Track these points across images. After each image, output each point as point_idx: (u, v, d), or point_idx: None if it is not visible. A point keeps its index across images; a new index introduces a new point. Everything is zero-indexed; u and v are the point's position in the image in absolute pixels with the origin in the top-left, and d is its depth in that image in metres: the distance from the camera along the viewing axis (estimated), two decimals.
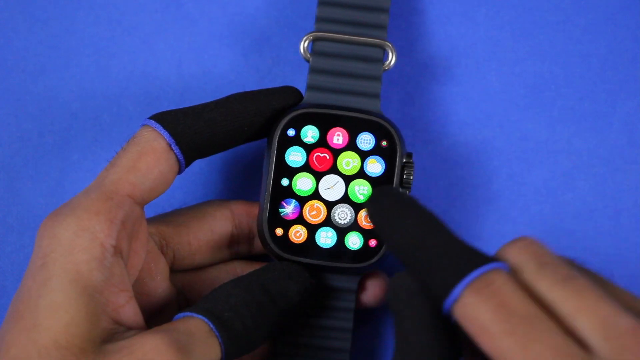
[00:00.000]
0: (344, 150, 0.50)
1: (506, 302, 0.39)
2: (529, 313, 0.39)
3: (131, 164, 0.45)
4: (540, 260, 0.41)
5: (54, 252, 0.42)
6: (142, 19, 0.56)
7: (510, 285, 0.39)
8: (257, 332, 0.44)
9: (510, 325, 0.38)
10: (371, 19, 0.51)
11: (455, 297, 0.39)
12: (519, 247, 0.41)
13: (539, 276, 0.40)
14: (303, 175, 0.50)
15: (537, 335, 0.38)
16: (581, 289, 0.39)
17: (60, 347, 0.40)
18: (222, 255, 0.52)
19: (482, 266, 0.40)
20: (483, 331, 0.39)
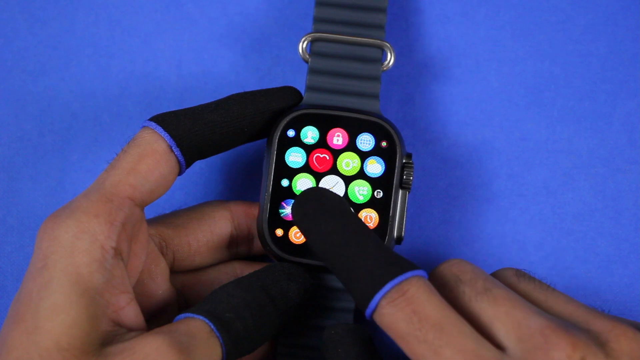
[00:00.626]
0: (344, 151, 0.50)
1: (418, 309, 0.41)
2: (439, 319, 0.41)
3: (131, 166, 0.45)
4: (460, 277, 0.44)
5: (55, 254, 0.42)
6: (142, 19, 0.56)
7: (423, 292, 0.41)
8: (257, 333, 0.44)
9: (422, 332, 0.41)
10: (369, 19, 0.51)
11: (373, 308, 0.42)
12: (442, 267, 0.45)
13: (458, 293, 0.43)
14: (303, 176, 0.50)
15: (447, 339, 0.40)
16: (496, 298, 0.42)
17: (61, 349, 0.40)
18: (221, 256, 0.52)
19: (398, 276, 0.42)
20: (401, 339, 0.41)
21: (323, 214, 0.45)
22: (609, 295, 0.55)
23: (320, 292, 0.50)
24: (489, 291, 0.42)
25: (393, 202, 0.50)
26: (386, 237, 0.49)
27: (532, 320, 0.41)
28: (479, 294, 0.42)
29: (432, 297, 0.42)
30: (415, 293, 0.41)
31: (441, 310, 0.41)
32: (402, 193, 0.50)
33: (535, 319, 0.41)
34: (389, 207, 0.50)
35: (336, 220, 0.44)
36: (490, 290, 0.42)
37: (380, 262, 0.43)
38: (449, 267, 0.45)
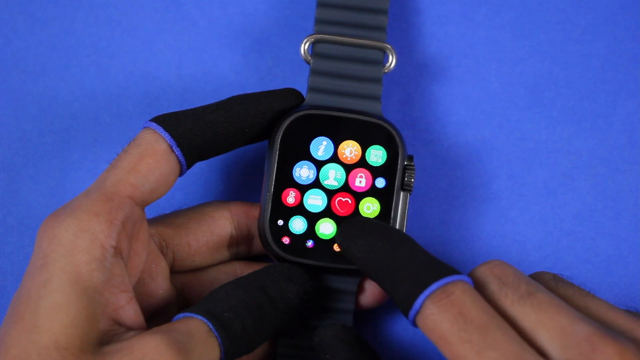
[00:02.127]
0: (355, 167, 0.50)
1: (464, 311, 0.41)
2: (485, 321, 0.41)
3: (132, 166, 0.45)
4: (502, 280, 0.43)
5: (54, 252, 0.42)
6: (142, 19, 0.56)
7: (469, 296, 0.41)
8: (256, 333, 0.44)
9: (466, 333, 0.40)
10: (370, 20, 0.51)
11: (417, 309, 0.42)
12: (484, 268, 0.44)
13: (500, 295, 0.42)
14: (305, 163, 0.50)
15: (492, 342, 0.40)
16: (540, 304, 0.42)
17: (60, 348, 0.40)
18: (221, 256, 0.52)
19: (442, 278, 0.42)
20: (443, 340, 0.41)
21: (366, 230, 0.46)
22: (609, 295, 0.55)
23: (320, 293, 0.50)
24: (532, 295, 0.42)
25: (394, 204, 0.50)
26: None
27: (578, 327, 0.40)
28: (522, 298, 0.42)
29: (477, 300, 0.42)
30: (461, 295, 0.41)
31: (486, 313, 0.41)
32: (404, 195, 0.50)
33: (581, 325, 0.40)
34: (390, 209, 0.50)
35: (379, 232, 0.46)
36: (534, 295, 0.42)
37: (425, 265, 0.43)
38: (490, 269, 0.44)
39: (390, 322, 0.55)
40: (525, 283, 0.43)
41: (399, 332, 0.55)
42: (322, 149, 0.50)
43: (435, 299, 0.42)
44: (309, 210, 0.50)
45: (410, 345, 0.55)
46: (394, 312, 0.55)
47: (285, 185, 0.49)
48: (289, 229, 0.49)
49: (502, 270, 0.44)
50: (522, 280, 0.43)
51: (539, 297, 0.42)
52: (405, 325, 0.55)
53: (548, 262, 0.55)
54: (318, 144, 0.50)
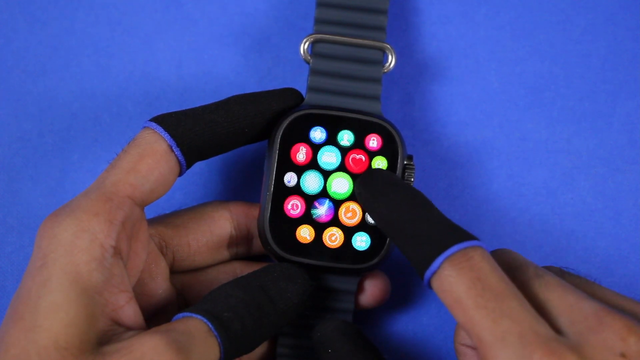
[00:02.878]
0: (352, 149, 0.50)
1: (482, 277, 0.41)
2: (502, 289, 0.41)
3: (131, 166, 0.45)
4: (511, 264, 0.44)
5: (54, 252, 0.42)
6: (142, 19, 0.56)
7: (488, 262, 0.42)
8: (256, 333, 0.44)
9: (483, 299, 0.41)
10: (370, 20, 0.51)
11: (434, 270, 0.42)
12: (493, 254, 0.45)
13: (509, 276, 0.43)
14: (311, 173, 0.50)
15: (507, 311, 0.40)
16: (548, 283, 0.42)
17: (59, 348, 0.40)
18: (221, 256, 0.52)
19: (464, 241, 0.42)
20: (458, 303, 0.41)
21: (389, 186, 0.46)
22: None
23: (319, 293, 0.50)
24: (540, 277, 0.43)
25: None
26: (387, 239, 0.49)
27: (586, 304, 0.41)
28: (531, 279, 0.43)
29: (495, 268, 0.42)
30: (480, 261, 0.42)
31: (504, 281, 0.41)
32: None
33: (589, 302, 0.41)
34: None
35: (402, 191, 0.46)
36: (542, 277, 0.43)
37: (447, 228, 0.43)
38: (499, 255, 0.45)
39: (390, 322, 0.55)
40: (534, 267, 0.44)
41: (398, 332, 0.55)
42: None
43: (454, 262, 0.42)
44: (306, 192, 0.50)
45: (410, 345, 0.55)
46: (394, 312, 0.55)
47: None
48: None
49: (510, 256, 0.45)
50: (530, 264, 0.44)
51: (546, 278, 0.43)
52: (405, 325, 0.55)
53: (548, 262, 0.55)
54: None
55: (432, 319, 0.55)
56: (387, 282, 0.52)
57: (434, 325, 0.55)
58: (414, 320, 0.55)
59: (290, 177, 0.50)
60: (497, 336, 0.40)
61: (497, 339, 0.40)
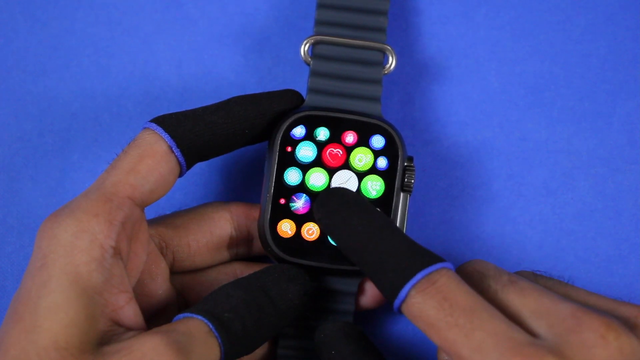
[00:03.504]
0: (355, 147, 0.50)
1: (449, 296, 0.42)
2: (470, 304, 0.41)
3: (131, 166, 0.45)
4: (484, 273, 0.45)
5: (54, 253, 0.42)
6: (142, 19, 0.56)
7: (453, 281, 0.42)
8: (256, 334, 0.44)
9: (453, 317, 0.41)
10: (370, 21, 0.51)
11: (402, 298, 0.43)
12: (465, 266, 0.46)
13: (483, 287, 0.44)
14: (315, 170, 0.50)
15: (478, 323, 0.41)
16: (522, 289, 0.43)
17: (59, 348, 0.40)
18: (221, 257, 0.52)
19: (428, 267, 0.43)
20: (430, 326, 0.42)
21: (347, 210, 0.46)
22: (609, 295, 0.54)
23: (320, 294, 0.50)
24: (514, 283, 0.43)
25: (394, 205, 0.50)
26: None
27: (562, 306, 0.42)
28: (505, 286, 0.43)
29: (461, 286, 0.42)
30: (446, 282, 0.42)
31: (471, 296, 0.42)
32: (404, 196, 0.50)
33: (565, 304, 0.42)
34: (390, 210, 0.49)
35: (361, 215, 0.46)
36: (516, 283, 0.43)
37: (409, 254, 0.43)
38: (471, 265, 0.46)
39: (390, 323, 0.55)
40: (507, 274, 0.44)
41: (398, 333, 0.55)
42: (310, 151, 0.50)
43: (420, 288, 0.42)
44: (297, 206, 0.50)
45: (410, 346, 0.55)
46: (394, 312, 0.55)
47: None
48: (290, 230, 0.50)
49: (482, 266, 0.45)
50: (503, 272, 0.45)
51: (520, 284, 0.43)
52: (405, 325, 0.55)
53: (548, 262, 0.55)
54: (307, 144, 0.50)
55: None
56: None
57: None
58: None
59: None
60: (473, 349, 0.40)
61: (474, 351, 0.40)
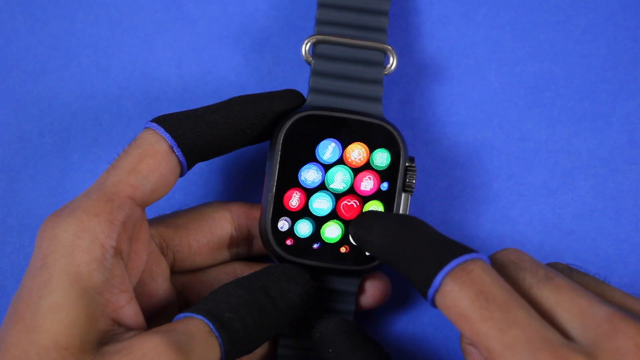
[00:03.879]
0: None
1: (485, 289, 0.41)
2: (506, 299, 0.41)
3: (132, 166, 0.45)
4: (519, 265, 0.44)
5: (54, 253, 0.42)
6: (142, 19, 0.56)
7: (489, 274, 0.42)
8: (257, 333, 0.44)
9: (488, 311, 0.40)
10: (371, 21, 0.51)
11: (436, 287, 0.42)
12: (501, 254, 0.45)
13: (518, 279, 0.43)
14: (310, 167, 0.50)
15: (514, 319, 0.40)
16: (559, 286, 0.42)
17: (59, 348, 0.40)
18: (221, 257, 0.52)
19: (461, 256, 0.42)
20: (463, 317, 0.41)
21: (380, 218, 0.46)
22: None
23: (320, 294, 0.50)
24: (551, 279, 0.42)
25: (396, 205, 0.50)
26: None
27: (598, 308, 0.41)
28: (540, 282, 0.42)
29: (497, 279, 0.42)
30: (481, 273, 0.41)
31: (507, 291, 0.41)
32: (405, 196, 0.50)
33: (601, 307, 0.41)
34: (391, 211, 0.50)
35: (393, 218, 0.46)
36: (553, 279, 0.42)
37: (443, 245, 0.43)
38: (507, 255, 0.45)
39: (390, 323, 0.55)
40: (543, 268, 0.43)
41: (398, 332, 0.55)
42: (329, 151, 0.50)
43: (455, 277, 0.42)
44: (314, 214, 0.50)
45: (410, 346, 0.55)
46: (394, 312, 0.55)
47: (287, 187, 0.49)
48: (294, 231, 0.49)
49: (518, 256, 0.44)
50: (540, 265, 0.44)
51: (557, 280, 0.42)
52: (405, 325, 0.55)
53: (548, 262, 0.55)
54: (325, 146, 0.50)
55: (432, 319, 0.55)
56: (388, 283, 0.52)
57: (434, 325, 0.55)
58: (414, 320, 0.55)
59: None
60: (506, 345, 0.40)
61: (506, 347, 0.40)
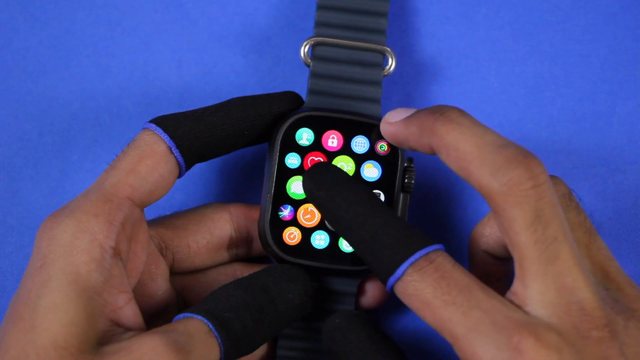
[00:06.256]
0: (338, 154, 0.50)
1: (446, 275, 0.42)
2: (467, 284, 0.41)
3: (131, 167, 0.45)
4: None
5: (53, 253, 0.42)
6: (142, 19, 0.56)
7: (450, 261, 0.42)
8: (256, 334, 0.44)
9: (450, 296, 0.41)
10: (370, 23, 0.51)
11: (398, 276, 0.42)
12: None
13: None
14: (297, 179, 0.50)
15: (475, 302, 0.41)
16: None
17: (58, 348, 0.40)
18: (221, 258, 0.52)
19: (426, 247, 0.43)
20: (425, 305, 0.42)
21: (341, 184, 0.46)
22: None
23: (320, 295, 0.50)
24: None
25: (394, 206, 0.50)
26: None
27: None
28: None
29: (457, 266, 0.42)
30: (442, 262, 0.42)
31: (468, 276, 0.42)
32: (404, 196, 0.50)
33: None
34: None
35: (356, 191, 0.46)
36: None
37: (406, 234, 0.43)
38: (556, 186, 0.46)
39: (390, 322, 0.55)
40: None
41: (398, 332, 0.55)
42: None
43: (417, 266, 0.42)
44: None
45: (410, 345, 0.55)
46: (394, 312, 0.55)
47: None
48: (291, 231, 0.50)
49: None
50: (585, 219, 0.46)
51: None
52: (405, 325, 0.55)
53: None
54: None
55: None
56: None
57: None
58: (414, 320, 0.55)
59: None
60: (470, 327, 0.40)
61: (471, 330, 0.40)
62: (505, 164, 0.42)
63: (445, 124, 0.43)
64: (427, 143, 0.44)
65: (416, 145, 0.45)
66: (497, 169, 0.42)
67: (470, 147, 0.43)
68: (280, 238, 0.49)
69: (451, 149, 0.43)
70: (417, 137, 0.45)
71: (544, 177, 0.42)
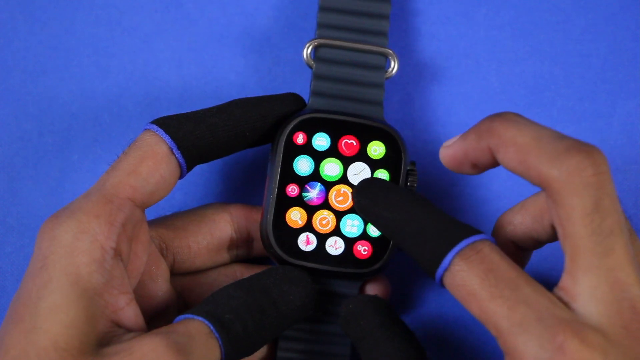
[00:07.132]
0: (354, 160, 0.50)
1: (493, 268, 0.41)
2: (515, 277, 0.41)
3: (132, 168, 0.45)
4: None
5: (54, 254, 0.42)
6: (142, 19, 0.56)
7: (497, 253, 0.42)
8: (257, 335, 0.44)
9: (497, 289, 0.41)
10: (372, 25, 0.51)
11: (445, 266, 0.42)
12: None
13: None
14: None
15: (523, 297, 0.40)
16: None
17: (59, 349, 0.40)
18: (221, 259, 0.52)
19: (472, 236, 0.42)
20: (472, 296, 0.41)
21: (387, 190, 0.47)
22: None
23: (322, 297, 0.50)
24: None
25: None
26: (389, 244, 0.49)
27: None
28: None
29: (504, 258, 0.42)
30: (490, 253, 0.42)
31: (515, 270, 0.41)
32: None
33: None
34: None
35: (401, 193, 0.46)
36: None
37: (451, 225, 0.43)
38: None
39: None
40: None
41: (419, 319, 0.55)
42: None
43: (464, 256, 0.42)
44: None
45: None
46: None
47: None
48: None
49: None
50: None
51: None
52: (407, 324, 0.55)
53: (548, 263, 0.55)
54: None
55: (432, 320, 0.55)
56: (388, 284, 0.52)
57: (434, 324, 0.55)
58: (414, 320, 0.55)
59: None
60: (515, 322, 0.40)
61: (515, 325, 0.40)
62: (565, 152, 0.40)
63: (503, 122, 0.43)
64: (485, 146, 0.44)
65: (475, 153, 0.45)
66: (557, 156, 0.40)
67: (528, 139, 0.42)
68: (283, 240, 0.49)
69: (509, 144, 0.42)
70: (476, 143, 0.44)
71: (606, 167, 0.41)
